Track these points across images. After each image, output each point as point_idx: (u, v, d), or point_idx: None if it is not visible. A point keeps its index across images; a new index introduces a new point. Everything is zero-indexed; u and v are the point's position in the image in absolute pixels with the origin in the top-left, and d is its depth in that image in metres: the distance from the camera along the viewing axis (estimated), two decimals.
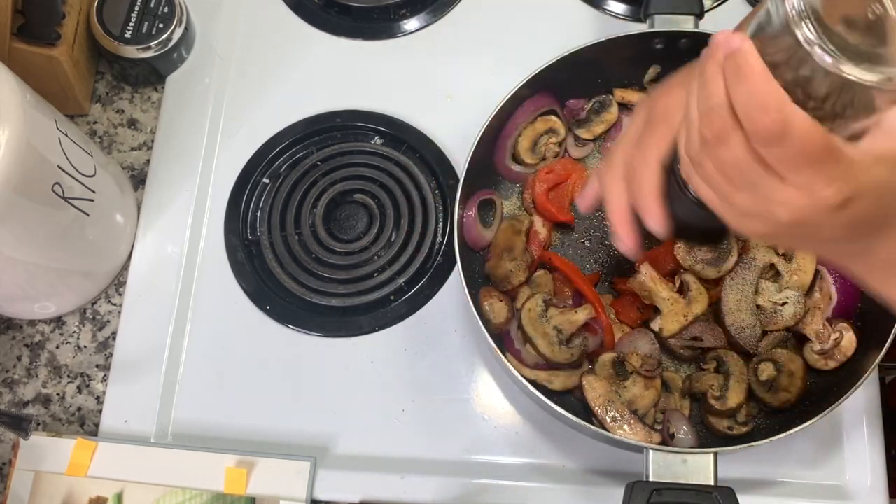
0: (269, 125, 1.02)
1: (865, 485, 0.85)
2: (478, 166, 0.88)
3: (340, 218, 0.97)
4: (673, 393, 0.85)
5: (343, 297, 0.94)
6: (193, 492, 0.85)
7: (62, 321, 0.95)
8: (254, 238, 0.97)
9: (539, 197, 0.90)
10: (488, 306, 0.85)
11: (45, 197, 0.78)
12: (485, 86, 0.93)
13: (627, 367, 0.83)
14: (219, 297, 0.95)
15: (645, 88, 0.96)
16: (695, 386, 0.83)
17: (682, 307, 0.84)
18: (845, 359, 0.83)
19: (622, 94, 0.95)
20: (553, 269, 0.89)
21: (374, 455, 0.88)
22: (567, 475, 0.86)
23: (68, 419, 0.91)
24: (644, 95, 0.94)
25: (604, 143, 0.95)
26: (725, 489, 0.71)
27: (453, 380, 0.90)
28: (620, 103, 0.95)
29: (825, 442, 0.87)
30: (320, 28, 1.07)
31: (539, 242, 0.90)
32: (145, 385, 0.91)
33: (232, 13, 1.07)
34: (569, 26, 1.04)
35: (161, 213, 0.98)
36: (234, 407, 0.90)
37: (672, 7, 0.90)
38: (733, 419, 0.83)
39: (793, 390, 0.82)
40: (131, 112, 1.04)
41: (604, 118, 0.94)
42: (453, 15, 1.07)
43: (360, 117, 1.02)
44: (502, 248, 0.88)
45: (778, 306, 0.85)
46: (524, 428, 0.88)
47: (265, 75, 1.04)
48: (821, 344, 0.83)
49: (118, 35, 0.98)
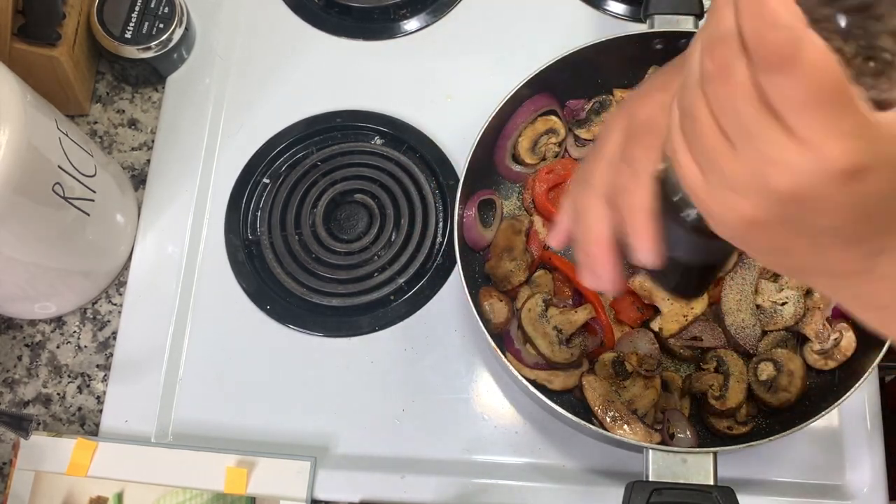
0: (270, 125, 1.02)
1: (865, 485, 0.85)
2: (478, 166, 0.88)
3: (340, 218, 0.97)
4: (673, 393, 0.85)
5: (343, 297, 0.94)
6: (194, 491, 0.85)
7: (62, 321, 0.95)
8: (254, 238, 0.97)
9: (539, 197, 0.90)
10: (488, 306, 0.85)
11: (46, 197, 0.78)
12: (485, 86, 0.93)
13: (627, 366, 0.83)
14: (219, 297, 0.95)
15: None
16: (695, 386, 0.83)
17: (681, 307, 0.84)
18: (845, 359, 0.83)
19: (622, 95, 0.95)
20: (553, 269, 0.89)
21: (374, 455, 0.88)
22: (567, 475, 0.86)
23: (69, 419, 0.91)
24: (614, 109, 0.92)
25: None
26: (725, 489, 0.71)
27: (453, 379, 0.90)
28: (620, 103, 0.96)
29: (825, 441, 0.87)
30: (320, 28, 1.07)
31: (539, 242, 0.90)
32: (146, 385, 0.91)
33: (232, 13, 1.07)
34: (569, 26, 1.04)
35: (161, 213, 0.98)
36: (234, 407, 0.90)
37: (672, 7, 0.90)
38: (733, 419, 0.83)
39: (792, 390, 0.82)
40: (132, 112, 1.04)
41: (604, 118, 0.94)
42: (453, 15, 1.07)
43: (360, 117, 1.02)
44: (502, 248, 0.88)
45: (778, 306, 0.85)
46: (524, 428, 0.88)
47: (265, 75, 1.04)
48: (820, 344, 0.83)
49: (118, 35, 0.98)
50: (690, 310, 0.84)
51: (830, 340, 0.83)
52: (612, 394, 0.81)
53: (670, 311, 0.84)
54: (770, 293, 0.85)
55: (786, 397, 0.82)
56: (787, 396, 0.82)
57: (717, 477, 0.73)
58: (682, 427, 0.81)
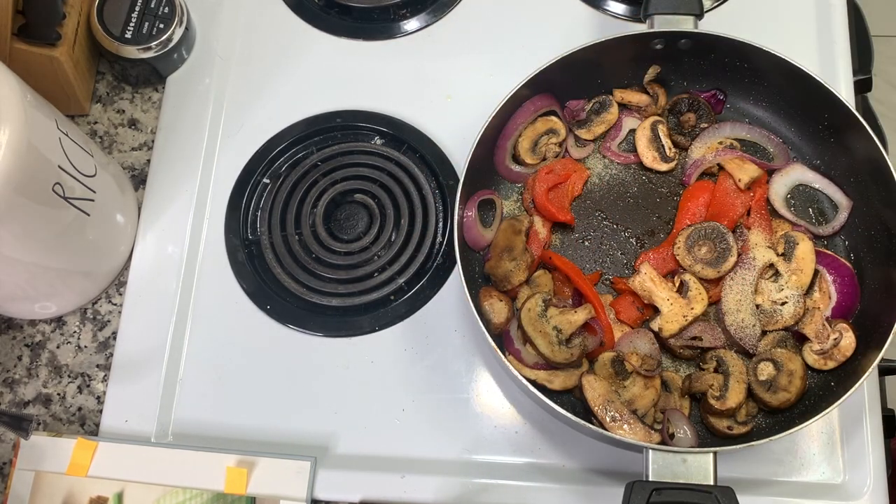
0: (269, 125, 1.02)
1: (865, 485, 0.85)
2: (478, 166, 0.88)
3: (340, 218, 0.97)
4: (673, 392, 0.85)
5: (343, 297, 0.94)
6: (194, 491, 0.85)
7: (63, 321, 0.95)
8: (254, 238, 0.97)
9: (539, 197, 0.90)
10: (488, 306, 0.85)
11: (46, 197, 0.78)
12: (485, 86, 0.94)
13: (627, 366, 0.83)
14: (219, 297, 0.95)
15: (645, 88, 0.96)
16: (694, 385, 0.83)
17: (681, 307, 0.84)
18: (844, 359, 0.83)
19: (622, 95, 0.95)
20: (553, 269, 0.89)
21: (374, 455, 0.88)
22: (567, 475, 0.86)
23: (69, 419, 0.91)
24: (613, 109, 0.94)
25: (603, 142, 0.95)
26: (725, 489, 0.71)
27: (453, 379, 0.90)
28: (620, 103, 0.96)
29: (825, 442, 0.87)
30: (320, 28, 1.07)
31: (539, 242, 0.90)
32: (146, 385, 0.91)
33: (232, 13, 1.07)
34: (569, 26, 1.04)
35: (161, 213, 0.98)
36: (234, 406, 0.90)
37: (672, 7, 0.90)
38: (733, 419, 0.83)
39: (792, 390, 0.82)
40: (132, 112, 1.04)
41: (604, 118, 0.95)
42: (453, 15, 1.07)
43: (360, 117, 1.02)
44: (502, 248, 0.88)
45: (777, 306, 0.85)
46: (524, 427, 0.88)
47: (265, 75, 1.04)
48: (820, 344, 0.83)
49: (118, 35, 0.98)
50: (690, 310, 0.84)
51: (830, 340, 0.83)
52: (611, 394, 0.81)
53: (670, 312, 0.84)
54: (770, 293, 0.85)
55: (786, 397, 0.82)
56: (787, 396, 0.82)
57: (717, 477, 0.73)
58: (682, 427, 0.81)
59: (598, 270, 0.91)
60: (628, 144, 0.96)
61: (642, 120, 0.95)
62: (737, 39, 0.89)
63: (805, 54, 0.88)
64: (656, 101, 0.96)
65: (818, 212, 0.92)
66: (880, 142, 0.84)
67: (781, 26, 1.03)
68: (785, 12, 1.04)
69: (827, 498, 0.85)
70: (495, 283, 0.88)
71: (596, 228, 0.93)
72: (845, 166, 0.90)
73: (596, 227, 0.93)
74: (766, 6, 1.04)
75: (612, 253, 0.91)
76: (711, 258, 0.86)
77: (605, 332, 0.85)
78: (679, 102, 0.95)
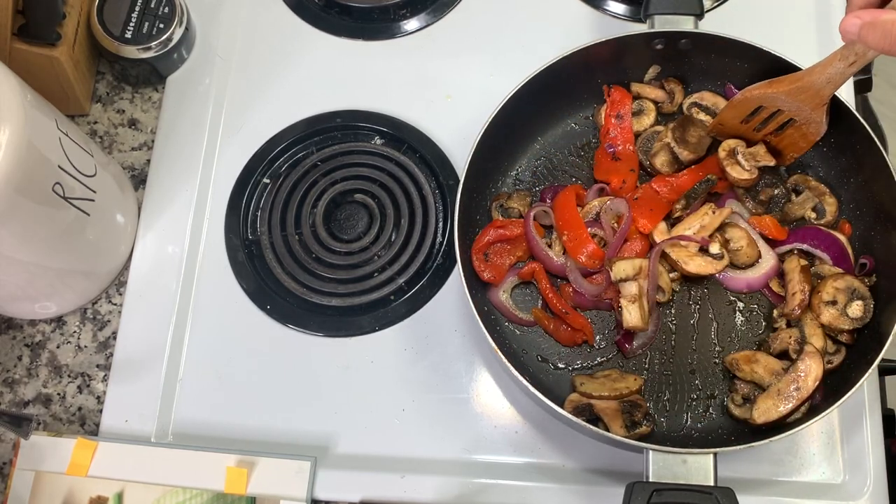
0: (269, 125, 1.02)
1: (865, 485, 0.85)
2: (478, 166, 0.88)
3: (341, 218, 0.97)
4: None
5: (343, 297, 0.94)
6: (194, 491, 0.85)
7: (63, 321, 0.95)
8: (254, 238, 0.97)
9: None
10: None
11: (46, 197, 0.78)
12: (485, 86, 0.93)
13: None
14: (219, 297, 0.95)
15: (662, 84, 0.96)
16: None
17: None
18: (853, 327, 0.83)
19: (638, 89, 0.95)
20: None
21: (374, 455, 0.88)
22: (567, 475, 0.86)
23: (69, 419, 0.91)
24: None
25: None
26: (725, 489, 0.71)
27: (453, 379, 0.90)
28: (636, 97, 0.96)
29: (825, 442, 0.87)
30: (320, 28, 1.07)
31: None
32: (146, 385, 0.91)
33: (232, 13, 1.07)
34: (569, 26, 1.04)
35: (161, 213, 0.98)
36: (234, 406, 0.90)
37: (672, 7, 0.90)
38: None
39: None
40: (132, 112, 1.04)
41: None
42: (453, 15, 1.07)
43: (360, 117, 1.02)
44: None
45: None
46: (524, 427, 0.88)
47: (265, 75, 1.04)
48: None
49: (118, 35, 0.98)
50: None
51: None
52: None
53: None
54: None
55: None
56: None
57: (717, 477, 0.73)
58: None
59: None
60: None
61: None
62: (737, 39, 0.89)
63: (805, 54, 0.87)
64: (672, 98, 0.95)
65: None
66: (880, 142, 0.84)
67: (781, 26, 1.03)
68: (785, 12, 1.04)
69: (827, 498, 0.85)
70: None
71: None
72: (845, 166, 0.90)
73: None
74: (766, 6, 1.04)
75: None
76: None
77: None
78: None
